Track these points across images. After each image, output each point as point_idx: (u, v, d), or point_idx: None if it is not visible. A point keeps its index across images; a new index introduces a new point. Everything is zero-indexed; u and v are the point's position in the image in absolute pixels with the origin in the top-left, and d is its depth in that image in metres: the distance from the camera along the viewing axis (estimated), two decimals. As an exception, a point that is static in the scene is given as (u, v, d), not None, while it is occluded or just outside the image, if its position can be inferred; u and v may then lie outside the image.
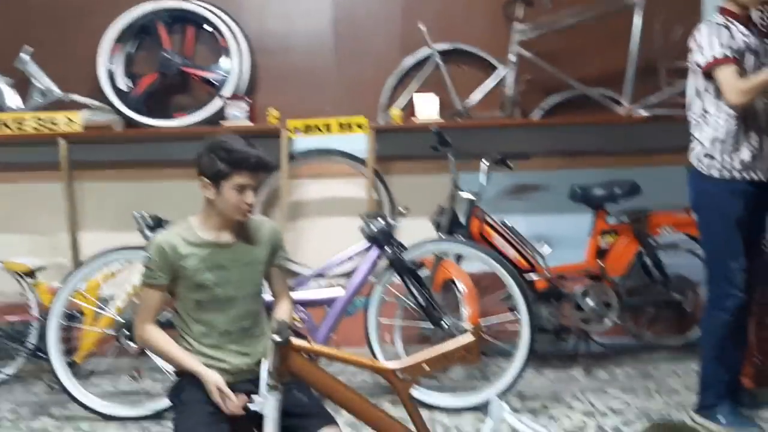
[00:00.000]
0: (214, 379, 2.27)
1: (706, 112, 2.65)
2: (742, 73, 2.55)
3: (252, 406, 2.12)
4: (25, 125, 3.56)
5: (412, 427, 2.24)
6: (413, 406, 2.23)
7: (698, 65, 2.64)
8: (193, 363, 2.33)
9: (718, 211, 2.65)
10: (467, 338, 2.19)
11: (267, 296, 2.77)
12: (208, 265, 2.36)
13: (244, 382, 2.37)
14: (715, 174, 2.63)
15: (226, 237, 2.41)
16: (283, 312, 2.55)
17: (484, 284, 3.29)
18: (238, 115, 3.61)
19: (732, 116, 2.59)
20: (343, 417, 2.78)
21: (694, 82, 2.69)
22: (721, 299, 2.66)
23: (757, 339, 3.13)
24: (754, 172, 2.61)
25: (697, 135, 2.69)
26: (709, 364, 2.73)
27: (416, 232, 3.21)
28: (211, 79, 3.76)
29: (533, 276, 3.40)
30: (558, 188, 3.78)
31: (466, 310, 3.10)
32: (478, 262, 3.24)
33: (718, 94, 2.59)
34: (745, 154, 2.59)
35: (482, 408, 2.88)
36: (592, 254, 3.49)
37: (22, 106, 3.73)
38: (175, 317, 2.46)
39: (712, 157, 2.64)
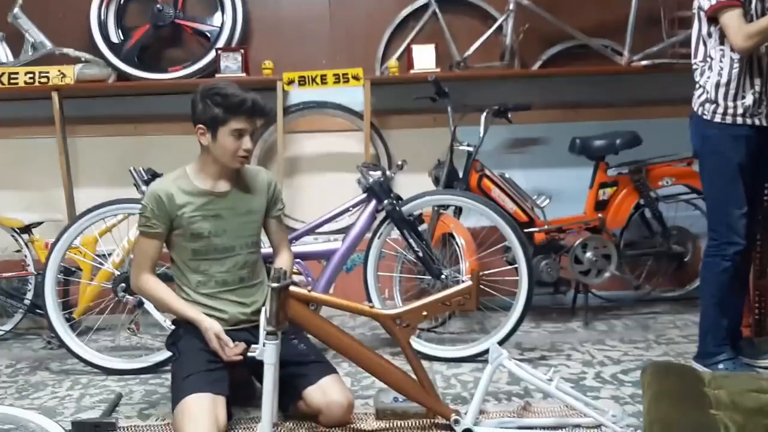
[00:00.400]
0: (212, 327, 2.27)
1: (710, 57, 2.61)
2: (748, 17, 2.50)
3: (251, 354, 2.12)
4: (17, 79, 3.51)
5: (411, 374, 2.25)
6: (413, 352, 2.24)
7: (702, 9, 2.59)
8: (191, 311, 2.32)
9: (721, 156, 2.62)
10: (465, 284, 2.19)
11: (266, 249, 2.77)
12: (204, 214, 2.34)
13: (243, 332, 2.38)
14: (718, 119, 2.61)
15: (223, 186, 2.39)
16: (282, 262, 2.54)
17: (482, 239, 3.27)
18: (232, 67, 3.56)
19: (736, 60, 2.54)
20: (342, 369, 2.80)
21: (699, 28, 2.64)
22: (722, 246, 2.65)
23: (756, 288, 3.13)
24: (757, 118, 2.58)
25: (701, 81, 2.65)
26: (708, 311, 2.73)
27: (414, 187, 3.18)
28: (204, 31, 3.70)
29: (532, 229, 3.37)
30: (557, 141, 3.74)
31: (464, 263, 3.09)
32: (476, 216, 3.22)
33: (723, 38, 2.55)
34: (749, 99, 2.56)
35: (481, 359, 2.88)
36: (591, 206, 3.47)
37: (14, 61, 3.67)
38: (173, 268, 2.45)
39: (715, 103, 2.60)
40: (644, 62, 3.58)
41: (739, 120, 2.59)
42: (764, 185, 2.85)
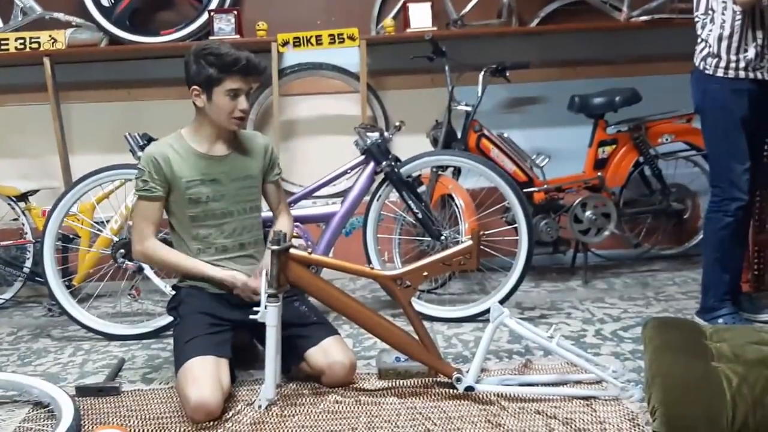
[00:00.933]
0: (235, 278, 2.30)
1: (712, 10, 2.57)
2: None
3: (253, 317, 2.13)
4: (7, 45, 3.46)
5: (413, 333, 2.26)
6: (414, 312, 2.24)
7: None
8: (205, 267, 2.32)
9: (723, 110, 2.60)
10: (466, 244, 2.19)
11: (265, 212, 2.76)
12: (202, 178, 2.32)
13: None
14: (720, 73, 2.58)
15: (220, 149, 2.37)
16: (282, 225, 2.53)
17: (482, 199, 3.26)
18: (225, 29, 3.50)
19: (738, 13, 2.51)
20: (344, 331, 2.81)
21: None
22: (724, 201, 2.64)
23: (755, 243, 3.14)
24: (759, 72, 2.55)
25: (703, 35, 2.62)
26: (710, 266, 2.74)
27: (412, 149, 3.15)
28: (196, -7, 3.63)
29: (531, 189, 3.36)
30: (556, 99, 3.69)
31: (464, 224, 3.09)
32: (475, 177, 3.20)
33: None
34: (751, 52, 2.53)
35: (482, 318, 2.90)
36: (590, 165, 3.45)
37: (3, 27, 3.60)
38: (173, 235, 2.44)
39: (717, 56, 2.57)
40: (643, 17, 3.53)
41: (741, 74, 2.56)
42: (765, 140, 2.83)
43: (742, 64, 2.55)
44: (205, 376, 2.09)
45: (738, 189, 2.62)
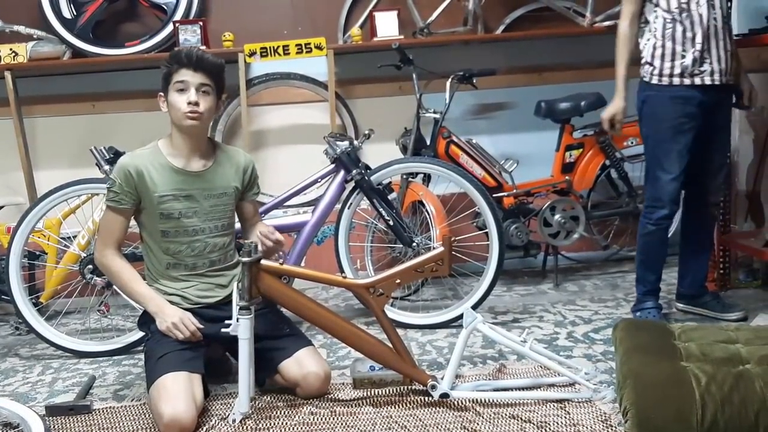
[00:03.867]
0: (166, 316, 2.24)
1: (646, 21, 2.66)
2: None
3: (225, 330, 2.11)
4: (-34, 60, 3.40)
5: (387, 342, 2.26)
6: (388, 320, 2.24)
7: None
8: (145, 297, 2.28)
9: (656, 118, 2.67)
10: (438, 250, 2.19)
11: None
12: (176, 194, 2.29)
13: (215, 309, 2.35)
14: (655, 80, 2.64)
15: (196, 165, 2.33)
16: (256, 237, 2.50)
17: (452, 205, 3.28)
18: (191, 40, 3.47)
19: (668, 21, 2.57)
20: (317, 341, 2.80)
21: None
22: (648, 208, 2.76)
23: (720, 243, 3.20)
24: (699, 77, 2.58)
25: (641, 44, 2.70)
26: (637, 264, 2.88)
27: (382, 156, 3.16)
28: (160, 4, 3.60)
29: (501, 194, 3.39)
30: (523, 105, 3.74)
31: (435, 230, 3.10)
32: (445, 183, 3.21)
33: (657, 1, 2.59)
34: (688, 58, 2.57)
35: (455, 324, 2.91)
36: (558, 169, 3.50)
37: (-38, 41, 3.54)
38: (143, 247, 2.41)
39: (651, 64, 2.64)
40: (606, 23, 3.58)
41: (676, 80, 2.60)
42: (725, 143, 2.87)
43: (677, 71, 2.59)
44: (178, 391, 2.06)
45: (661, 199, 2.69)
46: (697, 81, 2.59)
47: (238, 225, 2.59)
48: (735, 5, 3.18)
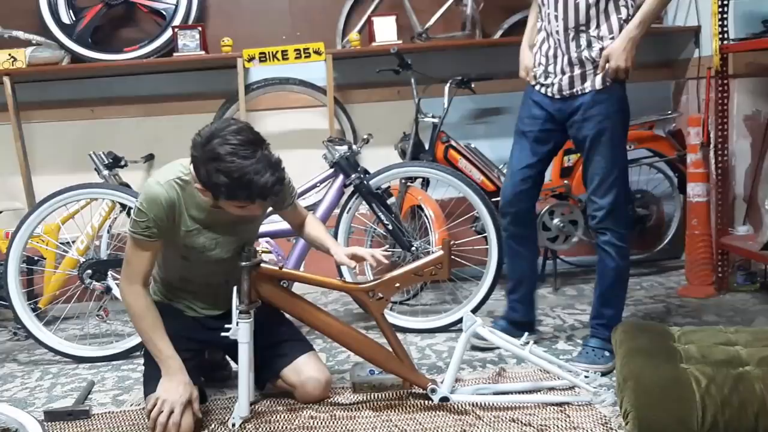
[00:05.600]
0: (178, 397, 2.05)
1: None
2: None
3: (225, 334, 2.11)
4: (-35, 65, 3.40)
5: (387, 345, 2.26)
6: (387, 324, 2.24)
7: None
8: (165, 361, 2.11)
9: (519, 114, 2.64)
10: (437, 254, 2.20)
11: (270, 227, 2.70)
12: (203, 228, 2.15)
13: (216, 319, 2.32)
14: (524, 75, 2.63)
15: None
16: (314, 227, 2.44)
17: (451, 210, 3.28)
18: (190, 45, 3.47)
19: (540, 27, 2.56)
20: (317, 345, 2.80)
21: None
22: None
23: (718, 246, 3.19)
24: (548, 87, 2.51)
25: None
26: None
27: (381, 161, 3.16)
28: (159, 9, 3.60)
29: (499, 198, 3.39)
30: (521, 110, 3.74)
31: (434, 235, 3.10)
32: (443, 187, 3.22)
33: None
34: (540, 68, 2.53)
35: (454, 329, 2.91)
36: (556, 173, 3.50)
37: (-40, 46, 3.54)
38: (157, 265, 2.32)
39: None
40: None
41: (534, 81, 2.57)
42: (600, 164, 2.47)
43: (539, 71, 2.57)
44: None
45: (503, 199, 2.69)
46: (548, 91, 2.52)
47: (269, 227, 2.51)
48: (731, 10, 3.19)
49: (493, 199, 3.23)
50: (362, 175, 2.94)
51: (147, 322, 2.11)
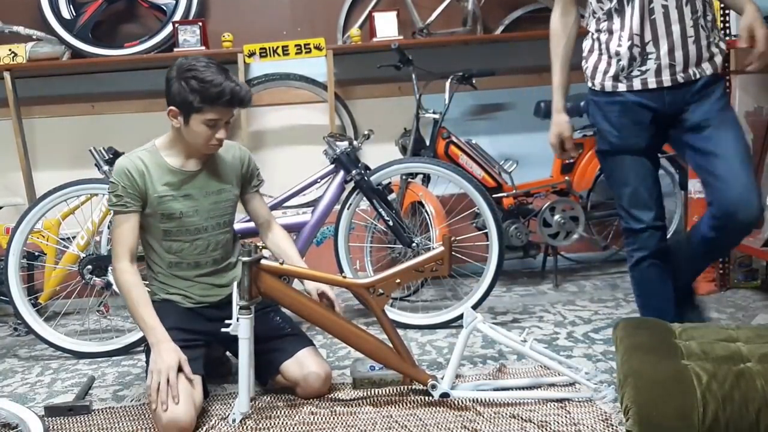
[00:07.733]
0: (166, 363, 2.07)
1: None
2: None
3: (225, 329, 2.11)
4: (-35, 60, 3.40)
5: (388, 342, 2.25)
6: (388, 319, 2.24)
7: None
8: (148, 325, 2.16)
9: (600, 128, 2.23)
10: (438, 250, 2.19)
11: (242, 223, 2.74)
12: (175, 194, 2.26)
13: (217, 309, 2.34)
14: (589, 83, 2.22)
15: (193, 164, 2.31)
16: (282, 240, 2.50)
17: (451, 206, 3.28)
18: (190, 41, 3.48)
19: (599, 20, 2.15)
20: (318, 341, 2.80)
21: None
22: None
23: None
24: (645, 77, 2.07)
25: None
26: None
27: (382, 157, 3.16)
28: (160, 5, 3.60)
29: (500, 194, 3.39)
30: (522, 106, 3.74)
31: (434, 231, 3.10)
32: (444, 183, 3.21)
33: None
34: (623, 57, 2.08)
35: (455, 325, 2.91)
36: (557, 170, 3.50)
37: (-40, 41, 3.54)
38: (145, 248, 2.38)
39: (587, 62, 2.23)
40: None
41: (609, 84, 2.15)
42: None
43: (612, 71, 2.18)
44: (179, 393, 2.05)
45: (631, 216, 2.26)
46: (637, 85, 2.08)
47: (236, 225, 2.58)
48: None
49: (494, 195, 3.24)
50: (363, 171, 2.93)
51: (133, 296, 2.19)
